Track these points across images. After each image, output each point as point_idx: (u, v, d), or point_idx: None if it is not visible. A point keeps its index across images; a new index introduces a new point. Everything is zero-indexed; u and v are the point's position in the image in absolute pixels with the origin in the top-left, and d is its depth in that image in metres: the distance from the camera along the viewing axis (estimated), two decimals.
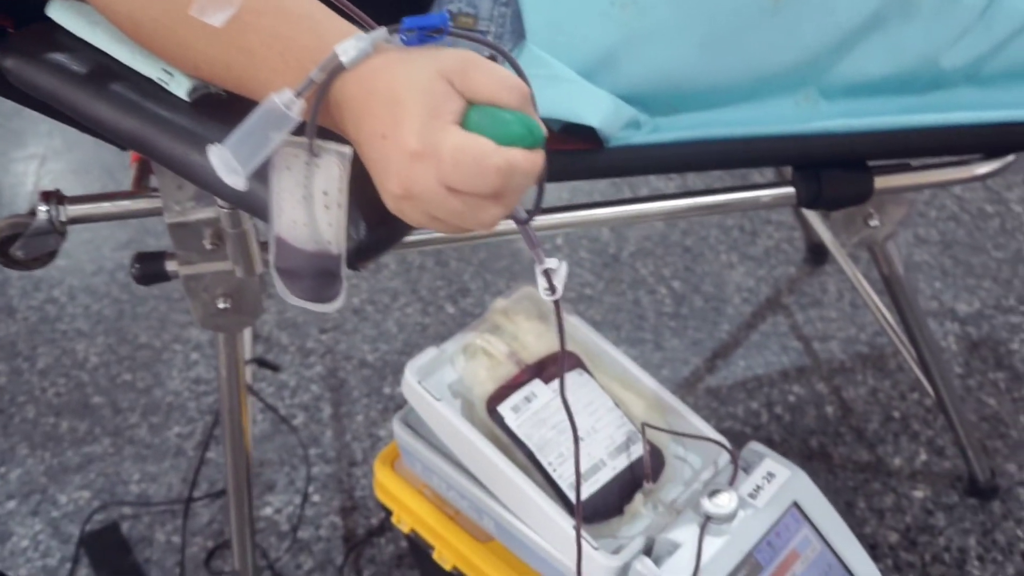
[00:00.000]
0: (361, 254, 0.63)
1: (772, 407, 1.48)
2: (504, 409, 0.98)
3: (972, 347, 1.56)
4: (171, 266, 0.83)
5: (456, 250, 1.84)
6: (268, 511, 1.41)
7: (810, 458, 1.40)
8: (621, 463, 0.94)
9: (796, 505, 0.91)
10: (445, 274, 1.79)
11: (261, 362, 1.49)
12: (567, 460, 0.93)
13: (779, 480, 0.91)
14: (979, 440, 1.37)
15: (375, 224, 0.63)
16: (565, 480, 0.92)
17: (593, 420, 0.96)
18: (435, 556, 1.10)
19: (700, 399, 1.50)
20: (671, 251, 1.79)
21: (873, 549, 1.28)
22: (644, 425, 0.96)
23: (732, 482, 0.92)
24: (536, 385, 1.00)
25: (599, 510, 0.92)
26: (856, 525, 1.31)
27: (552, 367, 1.02)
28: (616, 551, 0.88)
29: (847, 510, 1.33)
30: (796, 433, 1.44)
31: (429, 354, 1.06)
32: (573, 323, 1.12)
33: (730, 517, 0.87)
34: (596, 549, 0.87)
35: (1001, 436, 1.41)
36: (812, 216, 1.65)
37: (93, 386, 1.64)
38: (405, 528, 1.14)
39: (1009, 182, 1.94)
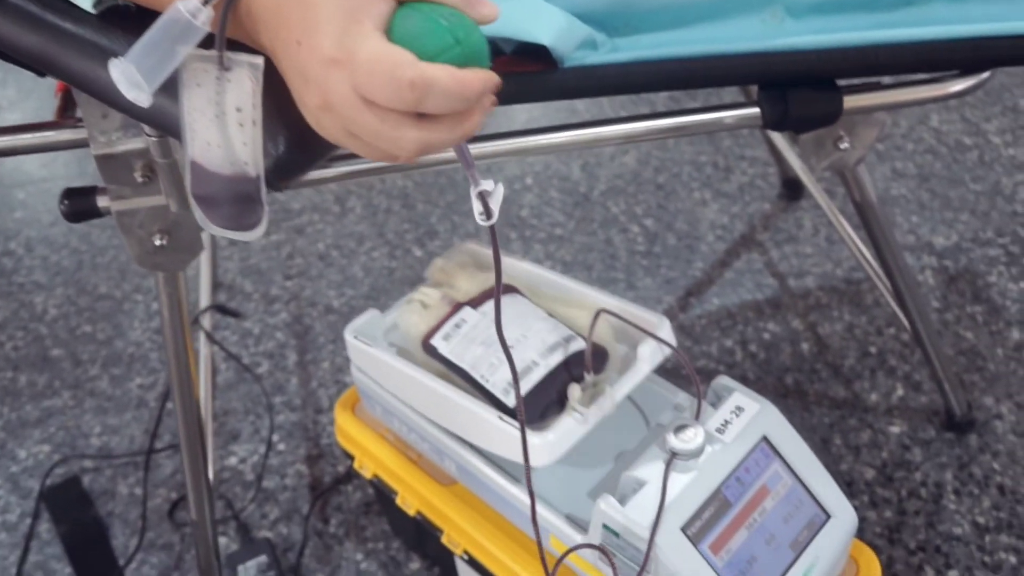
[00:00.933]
0: (281, 171, 0.59)
1: (747, 344, 1.45)
2: (436, 340, 0.96)
3: (949, 280, 1.54)
4: (103, 202, 0.78)
5: (423, 192, 1.80)
6: (233, 461, 1.38)
7: (785, 396, 1.37)
8: (555, 359, 0.90)
9: (766, 439, 0.88)
10: (412, 217, 1.74)
11: (222, 309, 1.44)
12: (498, 368, 0.90)
13: (748, 414, 0.88)
14: (956, 374, 1.35)
15: (295, 141, 0.58)
16: (498, 387, 0.90)
17: (522, 330, 0.93)
18: (398, 501, 1.07)
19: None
20: (643, 189, 1.74)
21: (849, 486, 1.25)
22: (600, 313, 0.93)
23: (698, 416, 0.89)
24: (465, 312, 0.97)
25: (537, 407, 0.89)
26: (832, 462, 1.28)
27: (483, 298, 0.99)
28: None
29: (823, 447, 1.30)
30: (771, 371, 1.41)
31: (368, 316, 1.03)
32: (512, 261, 1.09)
33: (697, 453, 0.84)
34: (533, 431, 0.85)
35: (978, 370, 1.39)
36: (786, 150, 1.61)
37: (52, 339, 1.59)
38: (367, 473, 1.11)
39: (987, 113, 1.90)
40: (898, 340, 1.44)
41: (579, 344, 0.93)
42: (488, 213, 0.58)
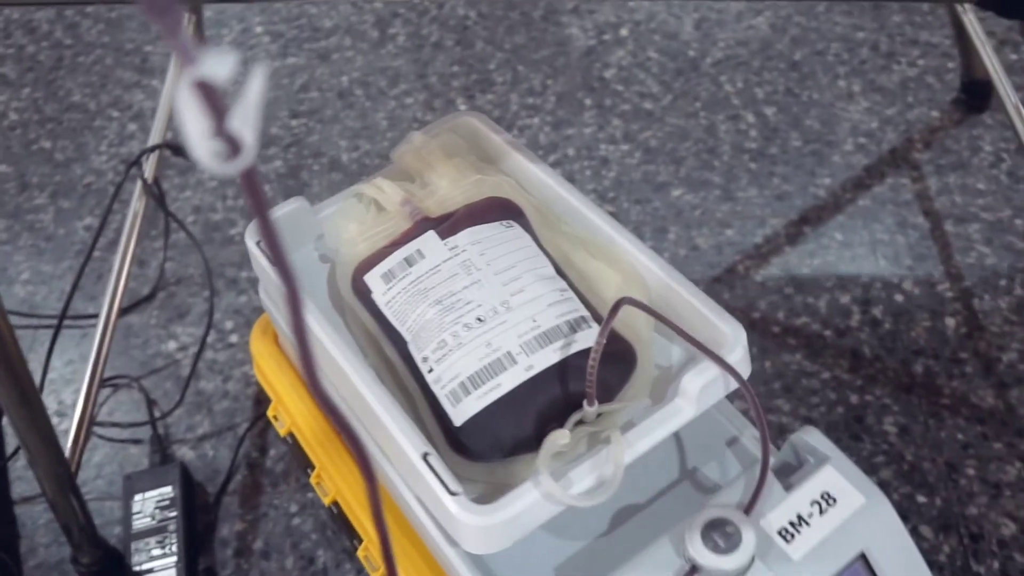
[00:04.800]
0: None
1: (869, 306, 1.05)
2: (373, 278, 0.60)
3: None
4: None
5: (487, 27, 1.40)
6: (171, 346, 1.08)
7: (908, 389, 0.98)
8: (547, 360, 0.55)
9: (864, 559, 0.51)
10: (465, 58, 1.35)
11: (177, 149, 1.11)
12: (452, 352, 0.55)
13: (842, 511, 0.51)
14: None
15: None
16: (445, 385, 0.55)
17: (507, 292, 0.57)
18: (313, 480, 0.75)
19: (769, 276, 1.08)
20: (771, 66, 1.31)
21: (975, 541, 0.88)
22: (623, 301, 0.56)
23: (753, 503, 0.52)
24: (426, 240, 0.61)
25: (502, 437, 0.54)
26: (957, 502, 0.90)
27: (459, 217, 0.62)
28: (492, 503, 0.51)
29: (947, 476, 0.92)
30: (896, 350, 1.01)
31: (294, 204, 0.68)
32: (525, 163, 0.71)
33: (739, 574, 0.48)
34: (454, 495, 0.50)
35: None
36: (980, 37, 1.15)
37: (3, 151, 1.29)
38: (282, 429, 0.78)
39: None
40: None
41: (591, 335, 0.57)
42: (232, 147, 0.22)
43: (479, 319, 0.57)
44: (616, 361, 0.57)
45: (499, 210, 0.65)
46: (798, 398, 0.99)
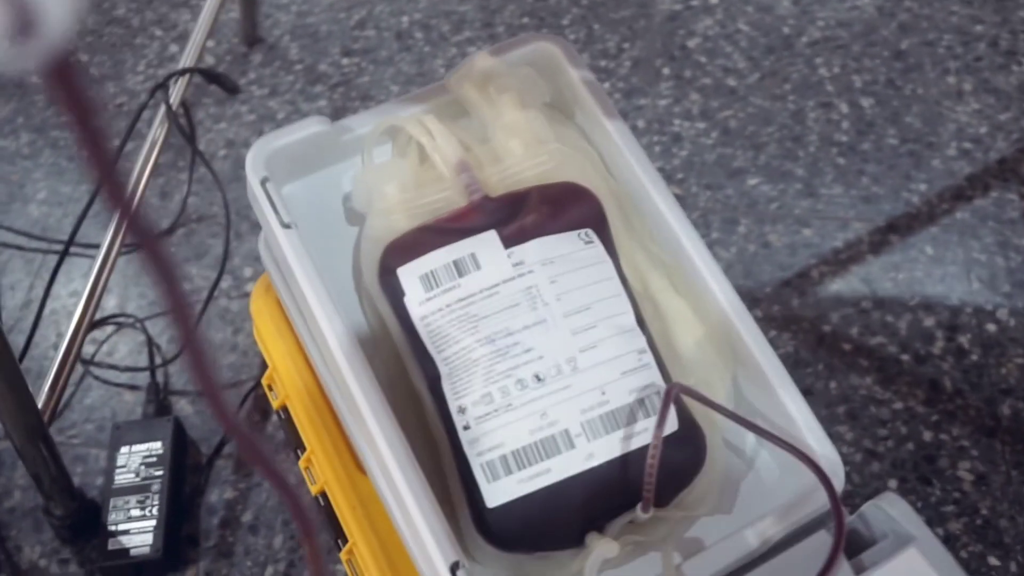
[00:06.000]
0: None
1: (955, 333, 0.93)
2: (408, 276, 0.50)
3: None
4: None
5: None
6: (185, 287, 0.99)
7: (991, 432, 0.87)
8: (610, 449, 0.46)
9: None
10: (539, 9, 1.24)
11: (210, 76, 1.01)
12: (498, 413, 0.46)
13: None
14: None
15: None
16: (481, 452, 0.46)
17: (576, 346, 0.47)
18: (301, 464, 0.66)
19: (846, 286, 0.96)
20: (873, 52, 1.18)
21: None
22: (675, 388, 0.46)
23: None
24: (485, 243, 0.51)
25: (530, 530, 0.45)
26: None
27: (531, 213, 0.52)
28: None
29: None
30: (981, 386, 0.90)
31: (310, 126, 0.58)
32: (602, 122, 0.60)
33: None
34: None
35: None
36: None
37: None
38: (275, 402, 0.69)
39: None
40: None
41: (650, 425, 0.47)
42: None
43: (537, 377, 0.47)
44: (682, 446, 0.47)
45: (577, 207, 0.53)
46: (863, 427, 0.88)
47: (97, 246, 1.02)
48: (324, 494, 0.64)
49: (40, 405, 0.79)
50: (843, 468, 0.51)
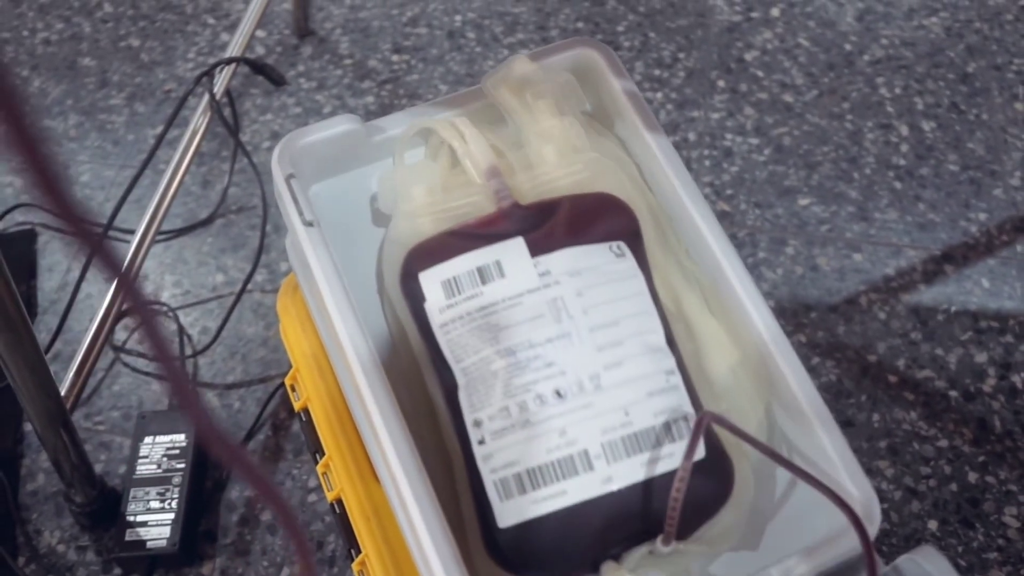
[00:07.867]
0: None
1: (1009, 371, 0.89)
2: (429, 281, 0.48)
3: None
4: None
5: None
6: (219, 279, 0.99)
7: None
8: (630, 474, 0.44)
9: None
10: (593, 14, 1.22)
11: (256, 67, 1.00)
12: (515, 429, 0.44)
13: None
14: None
15: None
16: (495, 468, 0.44)
17: (601, 362, 0.45)
18: (319, 469, 0.64)
19: (896, 315, 0.93)
20: (939, 73, 1.14)
21: None
22: (708, 416, 0.44)
23: None
24: (511, 250, 0.49)
25: (542, 553, 0.43)
26: None
27: (561, 223, 0.50)
28: None
29: None
30: None
31: (340, 124, 0.57)
32: (642, 135, 0.57)
33: None
34: None
35: None
36: None
37: (90, 43, 1.22)
38: (297, 404, 0.68)
39: None
40: None
41: (678, 451, 0.45)
42: None
43: (558, 393, 0.45)
44: (708, 475, 0.45)
45: (610, 219, 0.51)
46: (905, 464, 0.84)
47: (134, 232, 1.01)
48: (340, 501, 0.62)
49: (64, 390, 0.78)
50: (879, 510, 0.49)
